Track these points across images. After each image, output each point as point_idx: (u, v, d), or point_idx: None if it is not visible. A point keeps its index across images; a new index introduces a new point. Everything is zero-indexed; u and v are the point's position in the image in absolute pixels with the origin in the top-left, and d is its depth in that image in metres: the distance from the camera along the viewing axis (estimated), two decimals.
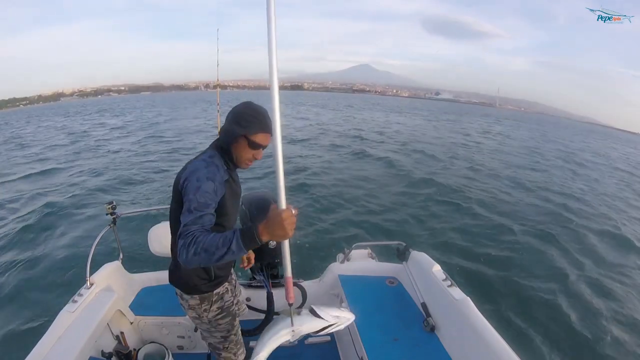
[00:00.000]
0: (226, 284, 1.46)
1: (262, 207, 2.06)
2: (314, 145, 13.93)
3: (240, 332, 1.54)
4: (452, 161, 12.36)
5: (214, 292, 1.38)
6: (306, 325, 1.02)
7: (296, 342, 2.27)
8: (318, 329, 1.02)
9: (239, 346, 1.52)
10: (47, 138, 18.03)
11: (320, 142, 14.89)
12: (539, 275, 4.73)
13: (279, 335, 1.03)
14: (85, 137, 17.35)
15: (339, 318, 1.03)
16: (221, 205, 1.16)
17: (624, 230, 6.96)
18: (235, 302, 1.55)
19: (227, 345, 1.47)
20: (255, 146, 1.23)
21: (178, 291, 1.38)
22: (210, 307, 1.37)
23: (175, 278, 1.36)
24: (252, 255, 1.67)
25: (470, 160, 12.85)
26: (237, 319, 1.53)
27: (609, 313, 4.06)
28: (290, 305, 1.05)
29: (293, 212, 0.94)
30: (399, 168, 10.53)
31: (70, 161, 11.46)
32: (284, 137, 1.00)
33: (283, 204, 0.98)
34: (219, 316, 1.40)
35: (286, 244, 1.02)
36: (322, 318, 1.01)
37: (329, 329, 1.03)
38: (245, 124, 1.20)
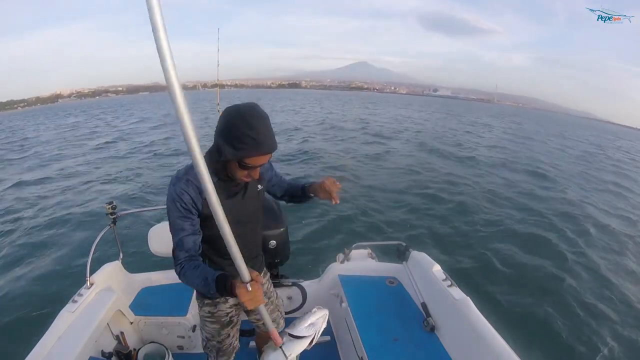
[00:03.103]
0: (229, 298, 1.42)
1: None
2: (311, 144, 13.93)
3: (228, 343, 1.49)
4: (453, 161, 12.35)
5: (208, 296, 1.39)
6: (295, 349, 0.98)
7: None
8: (308, 344, 1.00)
9: (219, 354, 1.49)
10: (44, 139, 17.98)
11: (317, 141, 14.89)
12: (540, 274, 4.72)
13: None
14: (86, 138, 17.32)
15: (314, 325, 0.98)
16: (206, 216, 1.12)
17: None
18: (235, 315, 1.48)
19: (208, 346, 1.50)
20: (248, 167, 1.07)
21: None
22: (202, 307, 1.43)
23: None
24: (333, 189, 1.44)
25: (471, 158, 12.84)
26: (231, 331, 1.48)
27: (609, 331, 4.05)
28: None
29: (250, 288, 0.90)
30: (399, 167, 10.52)
31: (74, 164, 11.45)
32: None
33: (245, 276, 0.91)
34: (208, 319, 1.43)
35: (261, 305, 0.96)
36: (304, 337, 0.98)
37: (315, 337, 1.00)
38: (239, 146, 1.00)
